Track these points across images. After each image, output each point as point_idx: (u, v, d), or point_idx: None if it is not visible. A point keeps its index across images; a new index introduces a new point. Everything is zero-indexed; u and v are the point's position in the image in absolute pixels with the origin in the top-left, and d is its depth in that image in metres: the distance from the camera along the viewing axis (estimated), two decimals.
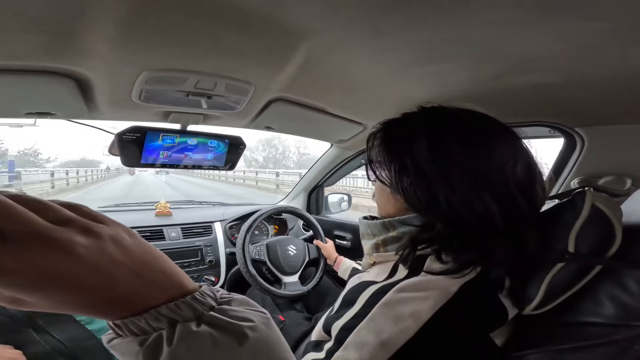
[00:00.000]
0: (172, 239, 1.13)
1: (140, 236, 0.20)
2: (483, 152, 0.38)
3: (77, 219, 0.17)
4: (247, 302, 0.22)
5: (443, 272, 0.36)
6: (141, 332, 0.18)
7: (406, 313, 0.34)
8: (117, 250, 0.17)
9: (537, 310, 0.36)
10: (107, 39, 0.43)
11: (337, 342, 0.38)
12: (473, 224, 0.36)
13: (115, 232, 0.18)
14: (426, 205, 0.38)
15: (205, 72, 0.54)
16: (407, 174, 0.40)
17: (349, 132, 0.98)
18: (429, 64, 0.51)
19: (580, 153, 0.70)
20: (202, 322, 0.18)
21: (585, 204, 0.34)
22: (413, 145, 0.40)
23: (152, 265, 0.19)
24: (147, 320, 0.18)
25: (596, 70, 0.46)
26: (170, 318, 0.18)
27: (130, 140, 0.64)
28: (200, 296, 0.19)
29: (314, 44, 0.47)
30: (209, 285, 0.22)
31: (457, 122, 0.42)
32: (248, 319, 0.20)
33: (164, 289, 0.19)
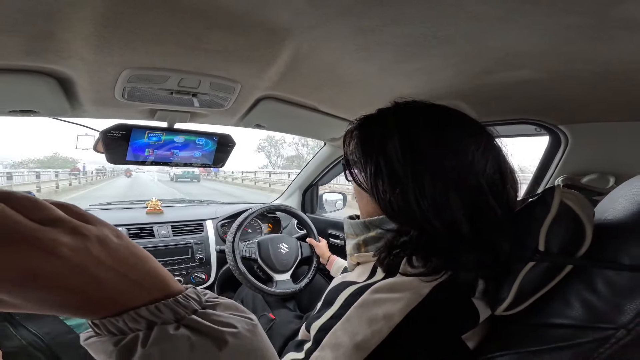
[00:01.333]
0: (161, 236, 1.13)
1: (127, 237, 0.20)
2: (453, 152, 0.37)
3: (65, 219, 0.17)
4: (235, 307, 0.22)
5: (415, 274, 0.36)
6: (119, 332, 0.18)
7: (379, 315, 0.34)
8: (103, 251, 0.17)
9: (508, 311, 0.35)
10: (84, 38, 0.43)
11: (315, 342, 0.39)
12: (442, 231, 0.36)
13: (101, 233, 0.18)
14: (399, 212, 0.38)
15: (187, 70, 0.54)
16: (381, 178, 0.39)
17: (340, 130, 0.98)
18: (415, 61, 0.51)
19: (564, 151, 0.70)
20: (182, 325, 0.18)
21: (553, 201, 0.34)
22: (387, 145, 0.39)
23: (138, 267, 0.19)
24: (125, 321, 0.18)
25: (578, 67, 0.46)
26: (149, 320, 0.18)
27: (115, 137, 0.64)
28: (183, 299, 0.19)
29: (299, 41, 0.47)
30: (195, 289, 0.22)
31: (428, 118, 0.40)
32: (231, 325, 0.20)
33: (148, 290, 0.19)
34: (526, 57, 0.45)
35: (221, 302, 0.22)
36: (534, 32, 0.39)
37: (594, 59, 0.43)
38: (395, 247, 0.38)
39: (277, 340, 0.78)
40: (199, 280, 1.11)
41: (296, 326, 0.81)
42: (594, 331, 0.29)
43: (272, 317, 0.88)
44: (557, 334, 0.31)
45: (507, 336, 0.36)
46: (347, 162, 0.46)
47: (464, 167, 0.37)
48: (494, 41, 0.42)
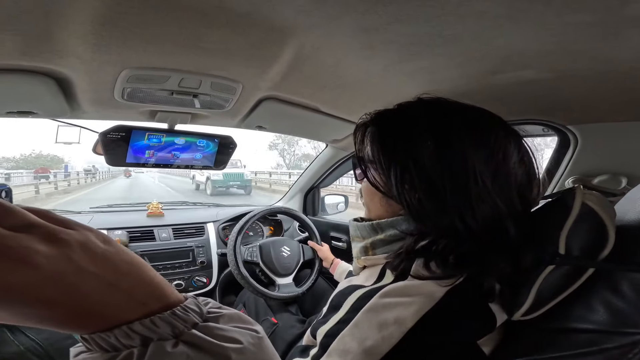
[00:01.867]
0: (162, 239, 1.11)
1: (117, 243, 0.18)
2: (494, 154, 0.35)
3: (40, 225, 0.15)
4: (239, 319, 0.20)
5: (430, 277, 0.34)
6: (111, 348, 0.16)
7: (390, 319, 0.33)
8: (87, 258, 0.16)
9: (526, 316, 0.34)
10: (82, 37, 0.42)
11: (322, 348, 0.37)
12: (483, 236, 0.34)
13: (85, 239, 0.16)
14: (433, 216, 0.35)
15: (188, 70, 0.53)
16: (410, 181, 0.36)
17: (342, 132, 0.97)
18: (420, 60, 0.49)
19: (573, 151, 0.69)
20: (181, 342, 0.17)
21: (575, 203, 0.33)
22: (417, 147, 0.36)
23: (130, 275, 0.17)
24: (117, 336, 0.16)
25: (586, 66, 0.45)
26: (144, 335, 0.16)
27: (114, 139, 0.63)
28: (181, 311, 0.18)
29: (301, 40, 0.46)
30: (195, 298, 0.20)
31: (465, 118, 0.38)
32: (235, 340, 0.18)
33: (142, 301, 0.17)
34: (533, 56, 0.44)
35: (224, 313, 0.20)
36: (541, 31, 0.38)
37: (602, 58, 0.42)
38: (413, 252, 0.36)
39: (280, 345, 0.76)
40: (200, 284, 1.09)
41: (299, 331, 0.79)
42: (620, 336, 0.28)
43: (274, 322, 0.87)
44: (580, 340, 0.30)
45: (525, 341, 0.35)
46: (360, 160, 0.43)
47: (503, 170, 0.35)
48: (499, 40, 0.41)
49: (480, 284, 0.34)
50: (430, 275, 0.34)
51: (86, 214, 1.24)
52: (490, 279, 0.34)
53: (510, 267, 0.34)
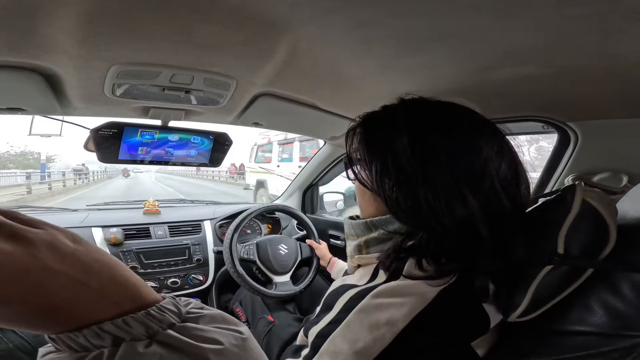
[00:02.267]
0: (158, 237, 1.11)
1: (88, 242, 0.18)
2: (466, 151, 0.35)
3: (4, 224, 0.15)
4: (222, 319, 0.20)
5: (422, 277, 0.33)
6: (80, 349, 0.16)
7: (382, 320, 0.32)
8: (53, 257, 0.15)
9: (522, 317, 0.33)
10: (69, 33, 0.41)
11: (313, 349, 0.37)
12: (456, 232, 0.34)
13: (51, 238, 0.16)
14: (408, 212, 0.36)
15: (179, 66, 0.51)
16: (388, 176, 0.37)
17: (340, 129, 0.96)
18: (416, 55, 0.48)
19: (574, 149, 0.68)
20: (155, 342, 0.16)
21: (575, 200, 0.32)
22: (394, 142, 0.37)
23: (101, 275, 0.17)
24: (85, 336, 0.16)
25: (586, 62, 0.44)
26: (115, 335, 0.16)
27: (106, 136, 0.62)
28: (157, 312, 0.17)
29: (296, 35, 0.45)
30: (173, 299, 0.19)
31: (439, 117, 0.38)
32: (215, 340, 0.18)
33: (114, 301, 0.17)
34: (532, 51, 0.43)
35: (205, 313, 0.20)
36: (540, 25, 0.37)
37: (603, 53, 0.41)
38: (403, 251, 0.36)
39: (276, 344, 0.76)
40: (196, 282, 1.09)
41: (295, 329, 0.79)
42: (620, 339, 0.27)
43: (271, 320, 0.87)
44: (577, 342, 0.29)
45: (521, 343, 0.34)
46: (349, 160, 0.44)
47: (477, 167, 0.35)
48: (497, 35, 0.40)
49: (473, 283, 0.34)
50: (423, 275, 0.34)
51: (82, 211, 1.23)
52: (482, 278, 0.34)
53: (500, 266, 0.33)
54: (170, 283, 1.04)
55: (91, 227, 1.05)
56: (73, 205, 1.45)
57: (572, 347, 0.29)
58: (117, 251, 1.01)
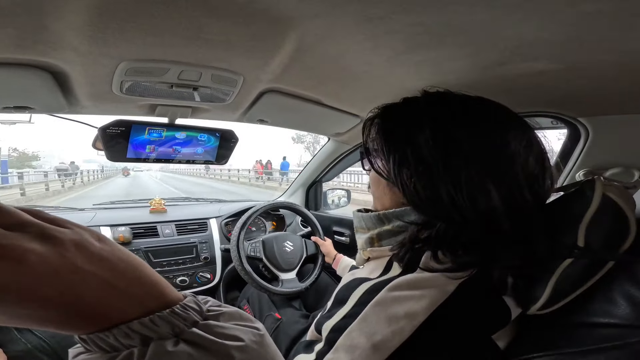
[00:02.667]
0: (165, 235, 1.11)
1: (113, 241, 0.18)
2: (495, 144, 0.35)
3: (33, 223, 0.15)
4: (240, 316, 0.20)
5: (440, 270, 0.33)
6: (111, 349, 0.16)
7: (400, 313, 0.32)
8: (82, 257, 0.15)
9: (543, 310, 0.33)
10: (76, 29, 0.40)
11: (328, 344, 0.36)
12: (476, 223, 0.33)
13: (79, 237, 0.16)
14: (427, 202, 0.35)
15: (188, 62, 0.51)
16: (407, 166, 0.36)
17: (345, 125, 0.95)
18: (425, 51, 0.48)
19: (584, 144, 0.67)
20: (182, 340, 0.17)
21: (595, 194, 0.32)
22: (415, 134, 0.37)
23: (127, 274, 0.17)
24: (116, 336, 0.16)
25: (598, 57, 0.43)
26: (144, 335, 0.16)
27: (114, 134, 0.62)
28: (181, 310, 0.18)
29: (303, 30, 0.44)
30: (194, 297, 0.20)
31: (467, 109, 0.38)
32: (237, 337, 0.18)
33: (140, 300, 0.17)
34: (543, 46, 0.42)
35: (225, 311, 0.20)
36: (553, 21, 0.36)
37: (616, 49, 0.40)
38: (418, 241, 0.36)
39: (284, 341, 0.76)
40: (204, 280, 1.10)
41: (302, 326, 0.79)
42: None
43: (278, 317, 0.87)
44: (601, 334, 0.29)
45: (542, 336, 0.34)
46: (366, 150, 0.44)
47: (503, 161, 0.34)
48: (509, 30, 0.39)
49: (494, 276, 0.34)
50: (441, 267, 0.33)
51: (89, 210, 1.24)
52: (502, 271, 0.34)
53: (519, 259, 0.33)
54: (179, 282, 1.05)
55: (100, 226, 1.06)
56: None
57: (597, 339, 0.29)
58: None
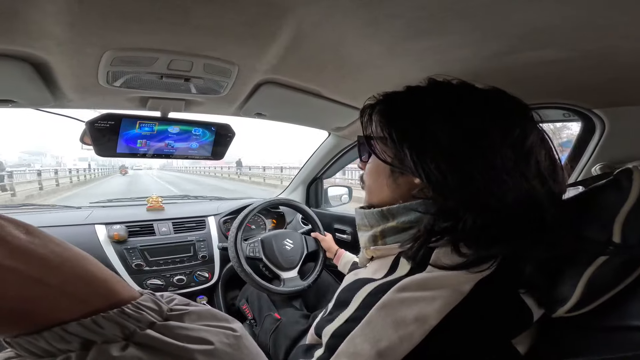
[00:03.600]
0: (162, 233, 1.09)
1: (47, 234, 0.16)
2: (517, 135, 0.33)
3: None
4: (212, 316, 0.18)
5: (455, 266, 0.30)
6: (44, 353, 0.15)
7: (409, 317, 0.29)
8: (1, 251, 0.14)
9: (573, 312, 0.30)
10: (55, 16, 0.37)
11: (329, 350, 0.34)
12: (515, 209, 0.31)
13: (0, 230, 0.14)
14: (457, 187, 0.32)
15: (177, 51, 0.48)
16: (429, 153, 0.33)
17: (346, 119, 0.92)
18: (427, 38, 0.45)
19: (600, 137, 0.64)
20: (132, 343, 0.15)
21: (633, 185, 0.29)
22: (431, 121, 0.34)
23: (63, 270, 0.15)
24: (47, 339, 0.14)
25: (614, 43, 0.40)
26: (84, 338, 0.14)
27: (103, 128, 0.59)
28: (133, 310, 0.16)
29: (300, 16, 0.42)
30: (152, 294, 0.17)
31: (478, 95, 0.36)
32: (204, 340, 0.16)
33: (81, 299, 0.15)
34: (554, 33, 0.39)
35: (192, 310, 0.17)
36: (564, 5, 0.33)
37: (632, 34, 0.37)
38: (435, 233, 0.33)
39: (284, 342, 0.74)
40: (202, 279, 1.08)
41: (302, 327, 0.77)
42: None
43: (278, 318, 0.85)
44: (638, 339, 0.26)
45: (571, 341, 0.31)
46: (367, 140, 0.41)
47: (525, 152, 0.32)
48: (517, 15, 0.36)
49: (515, 273, 0.31)
50: (455, 264, 0.30)
51: (85, 209, 1.23)
52: (529, 266, 0.31)
53: (547, 253, 0.30)
54: (177, 280, 1.03)
55: (94, 224, 1.04)
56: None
57: (635, 344, 0.26)
58: (122, 248, 1.00)
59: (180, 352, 0.15)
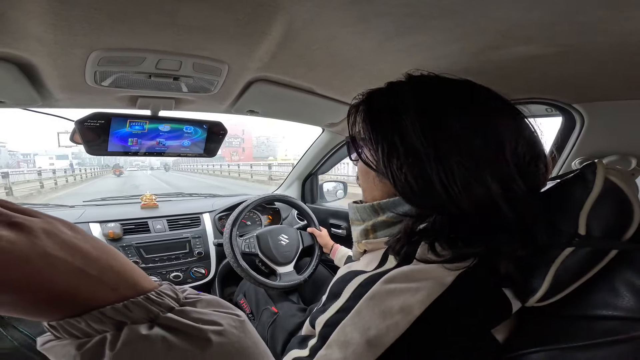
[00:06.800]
0: (157, 231, 1.09)
1: (85, 232, 0.18)
2: (484, 129, 0.33)
3: (2, 212, 0.15)
4: (218, 304, 0.20)
5: (438, 260, 0.32)
6: (83, 335, 0.16)
7: (395, 307, 0.30)
8: (53, 244, 0.16)
9: (542, 302, 0.32)
10: (38, 17, 0.37)
11: (321, 339, 0.35)
12: (473, 212, 0.32)
13: (50, 226, 0.16)
14: (420, 192, 0.33)
15: (165, 50, 0.48)
16: (396, 156, 0.34)
17: (339, 115, 0.93)
18: (416, 34, 0.45)
19: (579, 132, 0.66)
20: (157, 325, 0.17)
21: (596, 179, 0.30)
22: (402, 120, 0.34)
23: (100, 262, 0.17)
24: (87, 322, 0.16)
25: (593, 39, 0.41)
26: (117, 320, 0.16)
27: (93, 127, 0.58)
28: (156, 296, 0.18)
29: (291, 14, 0.42)
30: (171, 285, 0.19)
31: (455, 93, 0.36)
32: (215, 322, 0.18)
33: (113, 287, 0.17)
34: (535, 28, 0.40)
35: (202, 298, 0.20)
36: (543, 1, 0.34)
37: (612, 30, 0.38)
38: (414, 234, 0.34)
39: (281, 335, 0.76)
40: (198, 275, 1.09)
41: (299, 320, 0.79)
42: None
43: (275, 311, 0.87)
44: (604, 327, 0.28)
45: (541, 330, 0.33)
46: (352, 140, 0.42)
47: (493, 147, 0.33)
48: (499, 11, 0.37)
49: (494, 267, 0.32)
50: (438, 259, 0.32)
51: (79, 207, 1.22)
52: (506, 261, 0.32)
53: (524, 249, 0.31)
54: (173, 277, 1.04)
55: (88, 222, 1.03)
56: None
57: (599, 332, 0.28)
58: (117, 246, 1.00)
59: (196, 331, 0.17)
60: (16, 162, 64.78)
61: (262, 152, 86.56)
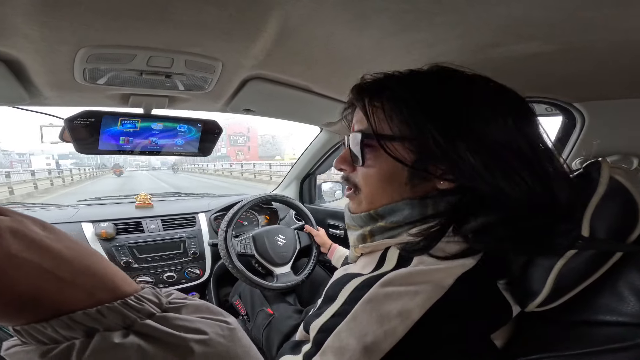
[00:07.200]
0: (151, 230, 1.08)
1: (61, 231, 0.17)
2: (525, 129, 0.33)
3: None
4: (207, 309, 0.19)
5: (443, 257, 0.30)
6: (50, 341, 0.15)
7: (393, 311, 0.29)
8: (19, 244, 0.15)
9: (543, 307, 0.31)
10: (25, 15, 0.36)
11: (315, 345, 0.34)
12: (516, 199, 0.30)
13: (18, 225, 0.15)
14: (483, 175, 0.31)
15: (156, 47, 0.46)
16: (456, 138, 0.31)
17: (336, 114, 0.92)
18: (416, 31, 0.44)
19: (580, 131, 0.65)
20: (132, 332, 0.16)
21: (602, 177, 0.28)
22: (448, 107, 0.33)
23: (74, 264, 0.16)
24: (54, 327, 0.15)
25: (595, 37, 0.40)
26: (88, 326, 0.15)
27: (83, 125, 0.57)
28: (135, 301, 0.17)
29: (287, 10, 0.41)
30: (153, 289, 0.18)
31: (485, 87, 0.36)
32: (199, 330, 0.17)
33: (88, 291, 0.16)
34: (537, 26, 0.40)
35: (189, 303, 0.19)
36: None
37: (615, 28, 0.37)
38: (462, 209, 0.32)
39: (276, 337, 0.75)
40: (193, 276, 1.07)
41: (295, 322, 0.78)
42: None
43: (270, 313, 0.86)
44: (607, 334, 0.27)
45: (541, 336, 0.32)
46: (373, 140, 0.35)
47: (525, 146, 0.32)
48: (501, 7, 0.36)
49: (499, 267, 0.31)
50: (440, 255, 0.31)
51: (73, 207, 1.21)
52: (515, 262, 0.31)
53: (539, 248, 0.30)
54: (166, 277, 1.03)
55: (81, 222, 1.02)
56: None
57: (603, 339, 0.27)
58: (110, 246, 0.99)
59: (177, 340, 0.16)
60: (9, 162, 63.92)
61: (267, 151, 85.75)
